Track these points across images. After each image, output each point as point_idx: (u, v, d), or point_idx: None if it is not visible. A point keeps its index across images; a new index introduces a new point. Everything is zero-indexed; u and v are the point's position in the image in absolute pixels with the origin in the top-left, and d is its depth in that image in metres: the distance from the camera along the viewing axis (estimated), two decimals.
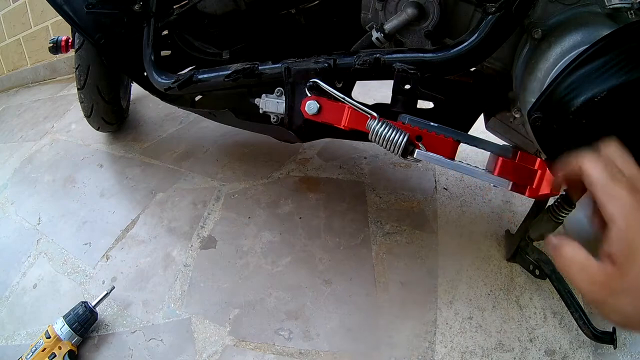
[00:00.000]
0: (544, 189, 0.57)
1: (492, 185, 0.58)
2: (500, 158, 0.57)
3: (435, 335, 0.85)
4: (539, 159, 0.58)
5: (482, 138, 0.60)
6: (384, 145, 0.59)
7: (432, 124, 0.60)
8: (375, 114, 0.60)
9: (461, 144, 0.83)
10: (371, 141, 0.61)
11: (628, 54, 0.48)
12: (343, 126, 0.64)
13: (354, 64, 0.66)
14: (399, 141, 0.58)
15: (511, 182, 0.58)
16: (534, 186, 0.58)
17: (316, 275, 0.97)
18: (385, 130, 0.59)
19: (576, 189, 0.32)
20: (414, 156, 0.58)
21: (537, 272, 0.90)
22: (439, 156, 0.58)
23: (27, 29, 2.22)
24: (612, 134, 0.52)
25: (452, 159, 0.60)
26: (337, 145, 1.31)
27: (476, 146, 0.60)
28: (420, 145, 0.59)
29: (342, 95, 0.62)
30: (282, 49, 0.94)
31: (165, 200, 1.23)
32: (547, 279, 0.87)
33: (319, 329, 0.87)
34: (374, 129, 0.60)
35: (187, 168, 1.33)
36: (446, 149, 0.59)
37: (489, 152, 0.61)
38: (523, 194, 0.59)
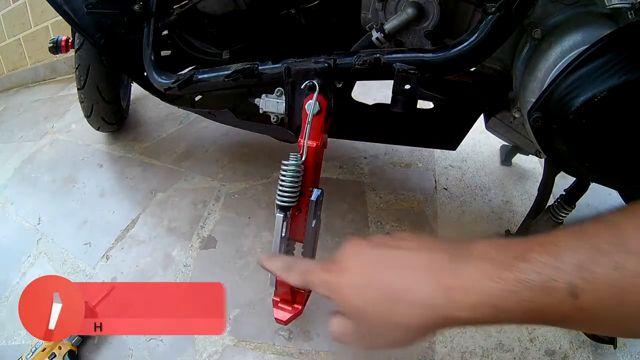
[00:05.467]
0: (279, 315, 0.73)
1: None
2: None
3: (435, 335, 0.85)
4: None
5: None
6: (283, 183, 0.63)
7: (315, 222, 0.67)
8: (303, 157, 0.64)
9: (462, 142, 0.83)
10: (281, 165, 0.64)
11: (628, 54, 0.48)
12: (299, 139, 0.66)
13: (354, 64, 0.66)
14: (289, 199, 0.63)
15: (275, 290, 0.71)
16: (279, 305, 0.73)
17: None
18: (295, 179, 0.63)
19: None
20: (277, 214, 0.64)
21: None
22: (283, 232, 0.65)
23: (27, 29, 2.22)
24: (612, 134, 0.52)
25: (286, 243, 0.69)
26: (337, 145, 1.31)
27: (302, 255, 0.70)
28: (289, 214, 0.65)
29: (309, 119, 0.65)
30: (282, 49, 0.94)
31: (165, 200, 1.23)
32: None
33: (319, 329, 0.87)
34: (293, 164, 0.63)
35: (187, 168, 1.33)
36: (293, 235, 0.69)
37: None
38: (274, 299, 0.74)
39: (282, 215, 0.63)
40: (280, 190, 0.63)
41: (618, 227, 0.26)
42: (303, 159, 0.64)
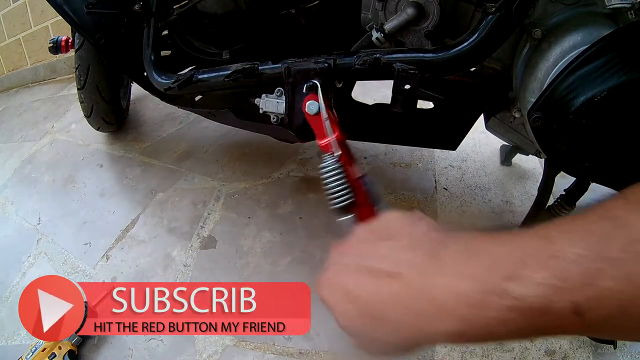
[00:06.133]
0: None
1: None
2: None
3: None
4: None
5: None
6: (328, 187, 0.59)
7: (381, 204, 0.59)
8: (337, 152, 0.60)
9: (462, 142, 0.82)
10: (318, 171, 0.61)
11: (628, 54, 0.48)
12: (319, 143, 0.64)
13: (354, 64, 0.66)
14: (343, 198, 0.57)
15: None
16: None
17: (316, 275, 0.97)
18: (337, 177, 0.59)
19: None
20: (341, 219, 0.58)
21: None
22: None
23: (27, 29, 2.22)
24: (612, 134, 0.52)
25: None
26: None
27: None
28: (354, 213, 0.59)
29: (325, 116, 0.62)
30: (282, 49, 0.94)
31: (165, 200, 1.23)
32: None
33: (319, 329, 0.87)
34: (328, 166, 0.59)
35: (187, 168, 1.33)
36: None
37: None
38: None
39: (349, 216, 0.60)
40: (332, 193, 0.60)
41: (629, 227, 0.21)
42: (338, 153, 0.61)
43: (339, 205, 0.58)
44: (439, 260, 0.26)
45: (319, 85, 0.63)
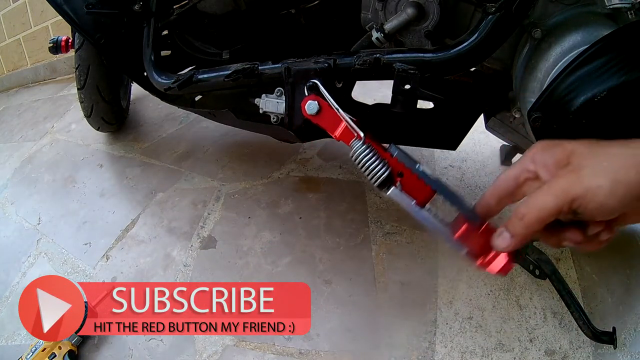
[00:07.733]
0: (495, 267, 0.56)
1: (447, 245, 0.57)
2: (466, 224, 0.56)
3: (435, 335, 0.85)
4: None
5: (459, 196, 0.58)
6: (363, 169, 0.58)
7: (417, 165, 0.59)
8: (361, 134, 0.60)
9: (462, 142, 0.82)
10: (351, 160, 0.60)
11: (628, 54, 0.48)
12: (334, 136, 0.64)
13: (354, 64, 0.66)
14: (379, 173, 0.57)
15: (466, 250, 0.57)
16: (486, 260, 0.56)
17: (316, 275, 0.97)
18: (368, 157, 0.58)
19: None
20: (388, 192, 0.58)
21: (537, 272, 0.90)
22: (410, 201, 0.57)
23: (27, 29, 2.22)
24: (612, 134, 0.52)
25: (422, 207, 0.58)
26: (337, 145, 1.31)
27: (451, 203, 0.59)
28: (397, 183, 0.58)
29: (336, 106, 0.62)
30: (282, 49, 0.94)
31: (165, 200, 1.23)
32: (547, 279, 0.87)
33: (319, 329, 0.87)
34: (357, 150, 0.59)
35: (187, 168, 1.33)
36: (421, 195, 0.58)
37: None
38: (474, 262, 0.58)
39: (394, 188, 0.59)
40: (369, 173, 0.59)
41: None
42: (362, 134, 0.61)
43: (380, 180, 0.57)
44: None
45: (319, 84, 0.63)
